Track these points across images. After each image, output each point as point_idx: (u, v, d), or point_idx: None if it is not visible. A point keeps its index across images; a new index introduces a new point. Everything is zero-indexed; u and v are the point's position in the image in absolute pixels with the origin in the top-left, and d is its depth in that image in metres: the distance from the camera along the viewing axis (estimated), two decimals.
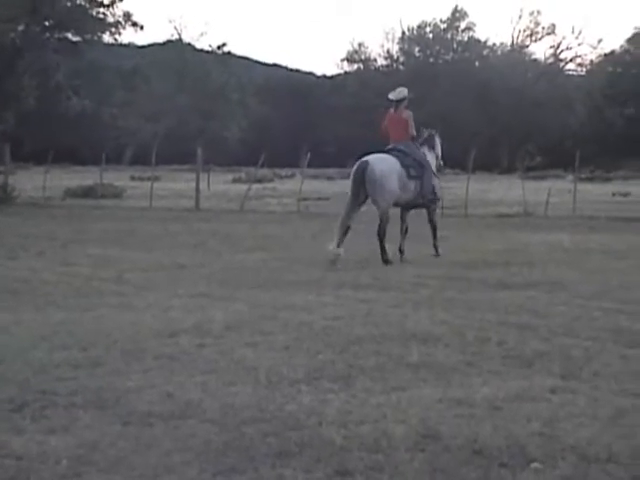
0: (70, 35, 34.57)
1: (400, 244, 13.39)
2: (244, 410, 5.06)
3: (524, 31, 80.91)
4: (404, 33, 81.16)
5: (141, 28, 35.77)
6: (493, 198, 32.56)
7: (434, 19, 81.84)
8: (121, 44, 42.17)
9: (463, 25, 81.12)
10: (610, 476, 4.12)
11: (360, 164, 12.99)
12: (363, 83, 77.35)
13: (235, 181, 45.81)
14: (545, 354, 6.48)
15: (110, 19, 34.50)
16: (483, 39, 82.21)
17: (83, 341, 6.83)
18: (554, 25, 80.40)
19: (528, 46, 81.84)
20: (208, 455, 4.36)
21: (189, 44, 69.68)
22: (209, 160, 45.50)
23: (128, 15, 34.90)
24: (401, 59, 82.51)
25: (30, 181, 34.36)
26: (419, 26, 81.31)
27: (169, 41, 70.66)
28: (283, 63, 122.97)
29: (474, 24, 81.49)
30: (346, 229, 12.85)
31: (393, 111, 13.67)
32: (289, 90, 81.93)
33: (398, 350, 6.57)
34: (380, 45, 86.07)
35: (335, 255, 12.43)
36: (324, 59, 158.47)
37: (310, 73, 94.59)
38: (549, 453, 4.37)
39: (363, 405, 5.19)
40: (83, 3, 33.91)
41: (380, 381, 5.72)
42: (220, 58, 68.16)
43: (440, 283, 10.47)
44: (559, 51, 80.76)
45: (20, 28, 32.64)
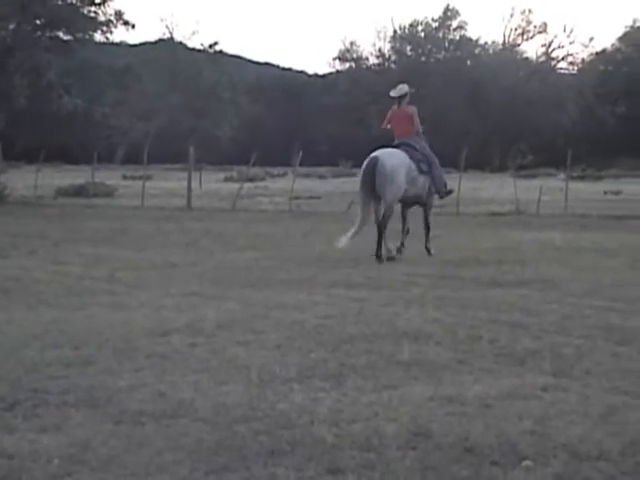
0: (61, 34, 34.49)
1: (402, 241, 13.62)
2: (236, 409, 5.06)
3: (516, 30, 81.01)
4: (396, 32, 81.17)
5: (133, 27, 35.71)
6: (485, 196, 32.60)
7: (426, 18, 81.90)
8: (113, 43, 42.05)
9: (455, 24, 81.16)
10: (601, 473, 4.14)
11: (370, 160, 13.08)
12: (355, 82, 77.37)
13: (227, 180, 45.74)
14: (537, 352, 6.50)
15: (101, 18, 34.43)
16: (475, 38, 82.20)
17: (75, 340, 6.82)
18: (546, 24, 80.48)
19: (520, 45, 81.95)
20: (200, 454, 4.36)
21: (181, 43, 69.71)
22: (201, 159, 45.45)
23: (120, 14, 34.85)
24: (393, 58, 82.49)
25: (22, 180, 34.25)
26: (411, 25, 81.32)
27: (161, 40, 70.70)
28: (275, 62, 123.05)
29: (466, 23, 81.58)
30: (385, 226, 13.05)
31: (397, 108, 13.84)
32: (281, 89, 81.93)
33: (390, 348, 6.57)
34: (372, 44, 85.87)
35: (388, 253, 12.83)
36: (316, 58, 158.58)
37: (302, 72, 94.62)
38: (540, 451, 4.38)
39: (355, 403, 5.19)
40: (74, 2, 33.83)
41: (372, 379, 5.73)
42: (212, 57, 68.21)
43: (432, 281, 10.48)
44: (551, 50, 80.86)
45: (11, 27, 32.58)
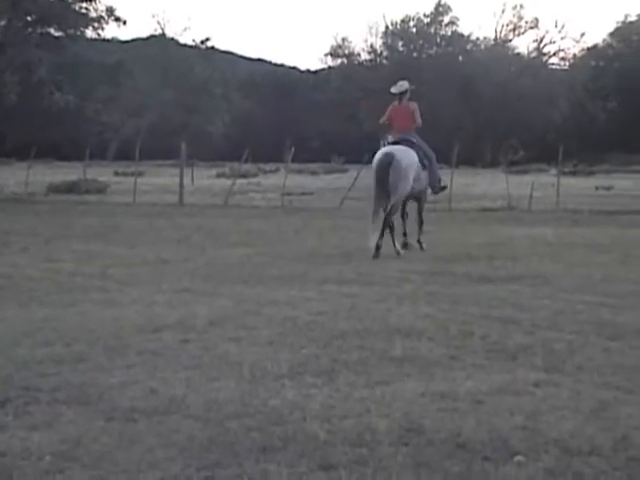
0: (53, 30, 34.47)
1: (404, 230, 13.72)
2: (228, 405, 5.06)
3: (507, 25, 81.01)
4: (387, 28, 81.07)
5: (124, 23, 35.81)
6: (477, 192, 32.62)
7: (417, 13, 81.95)
8: (104, 39, 42.05)
9: (446, 19, 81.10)
10: (593, 468, 4.14)
11: (385, 155, 13.12)
12: (347, 78, 77.30)
13: (219, 176, 45.70)
14: (528, 347, 6.51)
15: (93, 14, 34.45)
16: (466, 33, 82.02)
17: (66, 337, 6.81)
18: (537, 19, 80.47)
19: (511, 40, 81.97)
20: (192, 450, 4.36)
21: (172, 39, 69.61)
22: (193, 155, 45.37)
23: (111, 10, 34.86)
24: (385, 54, 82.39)
25: (13, 176, 34.16)
26: (403, 20, 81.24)
27: (152, 36, 70.55)
28: (267, 58, 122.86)
29: (457, 18, 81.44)
30: (392, 223, 13.06)
31: (398, 103, 13.97)
32: (273, 85, 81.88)
33: (382, 344, 6.58)
34: (364, 40, 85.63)
35: (375, 248, 12.67)
36: (308, 54, 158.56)
37: (294, 68, 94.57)
38: (532, 446, 4.39)
39: (347, 399, 5.19)
40: None
41: (364, 375, 5.73)
42: (204, 53, 68.15)
43: (424, 277, 10.48)
44: (542, 45, 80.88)
45: (2, 23, 32.51)
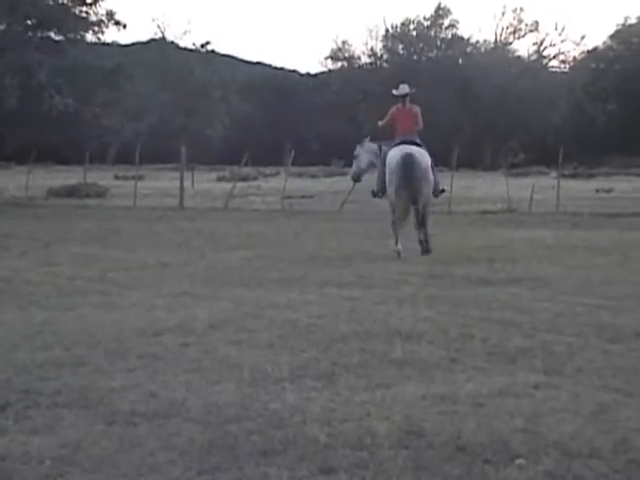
0: (52, 34, 34.48)
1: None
2: (228, 408, 5.06)
3: (507, 28, 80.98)
4: (388, 31, 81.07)
5: (124, 27, 35.83)
6: (477, 195, 32.63)
7: (418, 16, 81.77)
8: (104, 43, 42.09)
9: (447, 22, 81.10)
10: (592, 471, 4.14)
11: (407, 156, 13.16)
12: (347, 81, 77.30)
13: (219, 179, 45.72)
14: (528, 350, 6.51)
15: (93, 18, 34.47)
16: (467, 36, 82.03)
17: (66, 341, 6.81)
18: (537, 22, 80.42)
19: (511, 43, 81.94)
20: (192, 454, 4.36)
21: (172, 43, 69.67)
22: (193, 158, 45.43)
23: (111, 14, 34.88)
24: (385, 57, 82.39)
25: (12, 180, 34.20)
26: (403, 24, 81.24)
27: (152, 40, 70.66)
28: (267, 61, 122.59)
29: (457, 21, 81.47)
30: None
31: (402, 106, 14.04)
32: (273, 88, 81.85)
33: (382, 347, 6.58)
34: (364, 43, 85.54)
35: (396, 251, 12.89)
36: (308, 57, 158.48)
37: (294, 71, 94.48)
38: (532, 449, 4.39)
39: (347, 403, 5.19)
40: (65, 2, 33.81)
41: (364, 378, 5.73)
42: (203, 56, 68.22)
43: (423, 280, 10.49)
44: (542, 48, 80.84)
45: (1, 27, 32.52)
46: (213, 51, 71.35)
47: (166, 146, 55.15)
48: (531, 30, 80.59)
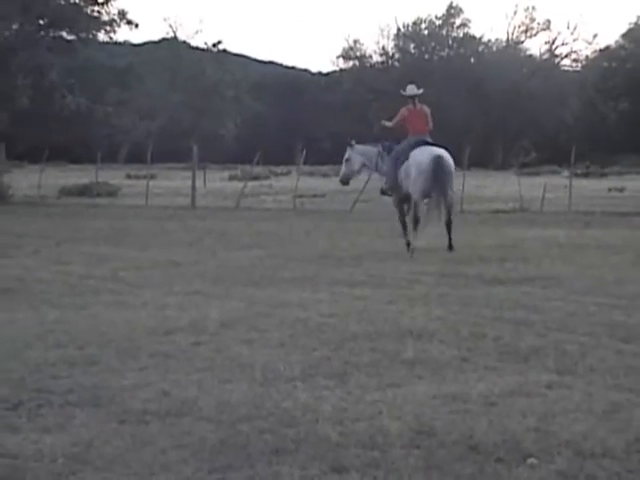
0: (64, 34, 34.51)
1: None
2: (240, 407, 5.06)
3: (519, 27, 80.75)
4: (399, 30, 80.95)
5: (136, 26, 35.80)
6: (488, 194, 32.55)
7: (429, 15, 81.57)
8: (116, 42, 42.09)
9: (458, 21, 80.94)
10: (605, 470, 4.13)
11: (437, 159, 13.18)
12: (358, 80, 77.25)
13: (232, 178, 45.76)
14: (540, 349, 6.49)
15: (105, 17, 34.48)
16: (478, 35, 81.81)
17: (78, 339, 6.83)
18: (549, 21, 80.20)
19: (523, 42, 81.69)
20: (204, 453, 4.36)
21: (184, 42, 69.78)
22: (204, 158, 45.46)
23: (123, 13, 34.89)
24: (396, 56, 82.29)
25: (25, 179, 34.25)
26: (414, 23, 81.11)
27: (164, 39, 70.77)
28: (279, 60, 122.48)
29: (469, 20, 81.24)
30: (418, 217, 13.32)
31: (412, 106, 14.02)
32: (285, 87, 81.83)
33: (393, 346, 6.57)
34: (375, 42, 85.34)
35: (411, 249, 12.97)
36: (319, 56, 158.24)
37: (305, 70, 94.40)
38: (545, 448, 4.38)
39: (358, 402, 5.19)
40: (78, 1, 33.87)
41: (375, 377, 5.73)
42: (215, 56, 68.31)
43: (435, 279, 10.47)
44: (554, 47, 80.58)
45: (14, 27, 32.60)
46: (225, 50, 71.46)
47: (177, 145, 55.25)
48: (543, 29, 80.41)
